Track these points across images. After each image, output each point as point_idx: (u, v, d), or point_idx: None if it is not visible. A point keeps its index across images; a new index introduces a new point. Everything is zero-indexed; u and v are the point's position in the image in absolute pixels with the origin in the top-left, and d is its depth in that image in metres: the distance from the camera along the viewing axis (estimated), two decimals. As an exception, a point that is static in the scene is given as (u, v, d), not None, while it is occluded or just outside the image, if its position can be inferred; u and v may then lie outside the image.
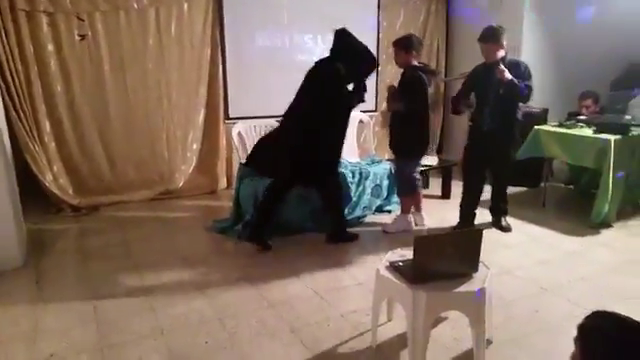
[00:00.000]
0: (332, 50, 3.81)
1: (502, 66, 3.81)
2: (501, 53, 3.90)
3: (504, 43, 3.91)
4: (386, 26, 6.14)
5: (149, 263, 3.66)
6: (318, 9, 5.68)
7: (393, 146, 4.28)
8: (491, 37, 3.89)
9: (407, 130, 4.08)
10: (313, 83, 3.77)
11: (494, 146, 4.05)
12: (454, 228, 4.26)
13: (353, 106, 3.92)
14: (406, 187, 4.34)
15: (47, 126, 4.71)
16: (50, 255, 3.84)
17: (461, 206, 4.32)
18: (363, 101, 3.97)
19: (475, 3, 6.08)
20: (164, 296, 3.15)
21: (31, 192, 4.47)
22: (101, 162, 4.98)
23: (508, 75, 3.79)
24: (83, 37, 4.67)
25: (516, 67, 3.90)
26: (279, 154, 3.86)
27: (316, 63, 3.85)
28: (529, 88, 3.88)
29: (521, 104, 4.07)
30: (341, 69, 3.69)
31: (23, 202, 3.93)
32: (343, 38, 3.78)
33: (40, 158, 4.68)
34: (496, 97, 3.92)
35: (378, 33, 6.07)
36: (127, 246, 4.01)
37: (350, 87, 3.85)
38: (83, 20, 4.65)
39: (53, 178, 4.78)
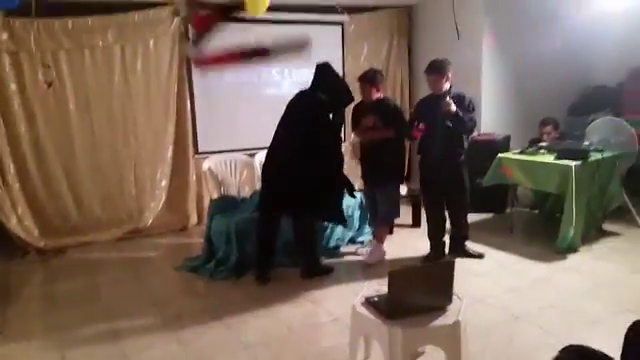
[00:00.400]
0: (314, 82, 3.94)
1: (448, 98, 3.89)
2: (447, 85, 4.01)
3: (449, 75, 4.01)
4: (350, 59, 6.27)
5: (119, 307, 3.57)
6: (285, 44, 5.76)
7: (379, 175, 4.30)
8: (436, 69, 4.00)
9: (391, 156, 4.23)
10: (299, 113, 3.89)
11: (445, 176, 4.12)
12: (425, 258, 4.31)
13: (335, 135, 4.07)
14: (393, 213, 4.46)
15: (11, 167, 4.61)
16: (16, 303, 3.71)
17: (429, 236, 4.35)
18: (340, 130, 4.17)
19: (433, 35, 6.27)
20: (136, 342, 3.07)
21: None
22: (67, 201, 4.88)
23: (453, 108, 3.87)
24: (50, 84, 4.56)
25: (460, 100, 3.99)
26: (269, 185, 3.95)
27: (298, 94, 3.98)
28: (472, 121, 4.03)
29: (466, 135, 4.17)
30: (324, 99, 3.83)
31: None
32: (325, 71, 3.94)
33: (4, 200, 4.56)
34: (443, 128, 3.98)
35: (343, 67, 6.19)
36: (96, 290, 3.90)
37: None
38: (49, 66, 4.57)
39: (17, 220, 4.65)
